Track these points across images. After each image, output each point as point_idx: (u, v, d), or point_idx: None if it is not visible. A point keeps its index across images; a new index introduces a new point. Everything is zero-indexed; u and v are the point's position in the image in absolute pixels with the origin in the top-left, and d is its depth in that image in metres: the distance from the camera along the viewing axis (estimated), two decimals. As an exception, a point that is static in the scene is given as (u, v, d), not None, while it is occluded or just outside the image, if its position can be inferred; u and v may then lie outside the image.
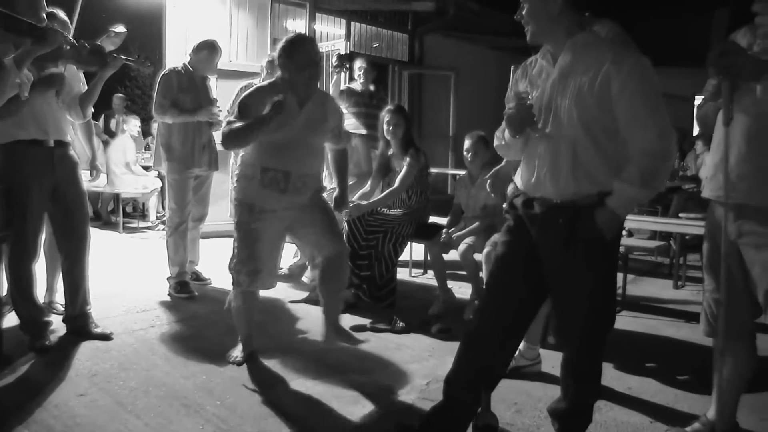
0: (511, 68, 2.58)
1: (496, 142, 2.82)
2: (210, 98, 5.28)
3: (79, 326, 4.05)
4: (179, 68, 5.24)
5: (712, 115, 2.77)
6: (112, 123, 10.30)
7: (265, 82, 3.75)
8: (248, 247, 3.58)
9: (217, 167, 5.47)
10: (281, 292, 5.45)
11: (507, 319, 2.72)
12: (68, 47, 3.63)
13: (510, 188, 2.80)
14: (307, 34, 8.75)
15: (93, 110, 4.25)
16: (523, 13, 2.50)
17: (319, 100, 3.65)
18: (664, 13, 13.24)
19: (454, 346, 4.09)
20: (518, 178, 2.69)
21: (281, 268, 5.22)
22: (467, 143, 5.07)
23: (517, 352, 3.63)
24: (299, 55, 3.46)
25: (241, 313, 3.77)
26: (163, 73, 5.26)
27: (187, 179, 5.21)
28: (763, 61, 2.15)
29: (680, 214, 7.21)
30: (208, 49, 5.23)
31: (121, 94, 11.34)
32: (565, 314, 2.66)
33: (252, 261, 3.58)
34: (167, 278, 5.25)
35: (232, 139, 3.46)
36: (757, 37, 2.53)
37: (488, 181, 3.33)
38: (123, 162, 8.49)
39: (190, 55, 5.28)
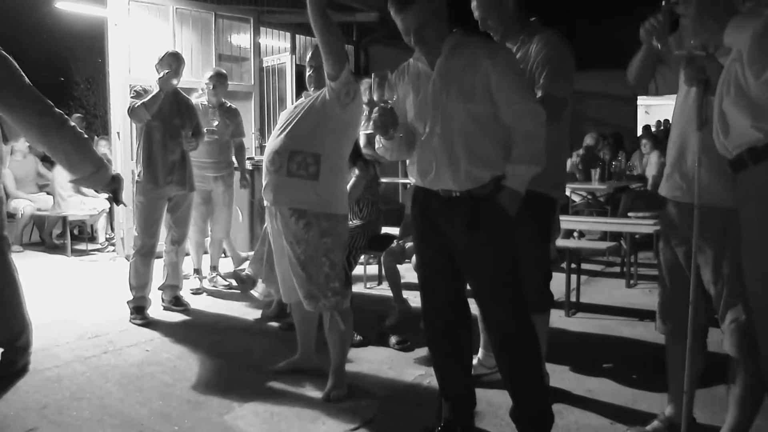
0: (372, 75, 2.67)
1: (376, 145, 2.97)
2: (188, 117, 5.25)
3: None
4: (149, 87, 5.09)
5: (645, 61, 2.78)
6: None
7: None
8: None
9: (193, 188, 5.34)
10: (236, 309, 5.38)
11: (448, 311, 2.91)
12: None
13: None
14: (252, 48, 8.69)
15: None
16: (423, 31, 2.66)
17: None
18: (599, 18, 13.49)
19: (412, 358, 4.13)
20: (414, 175, 2.87)
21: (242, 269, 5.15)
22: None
23: (475, 361, 3.63)
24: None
25: (296, 324, 3.93)
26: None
27: (154, 201, 5.07)
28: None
29: (629, 214, 7.33)
30: (167, 58, 5.13)
31: (79, 115, 11.11)
32: (485, 298, 2.77)
33: (277, 275, 3.79)
34: (127, 302, 5.11)
35: None
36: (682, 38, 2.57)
37: None
38: (70, 184, 8.28)
39: (156, 68, 5.14)
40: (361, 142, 7.82)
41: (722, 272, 2.58)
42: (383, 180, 8.06)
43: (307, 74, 3.58)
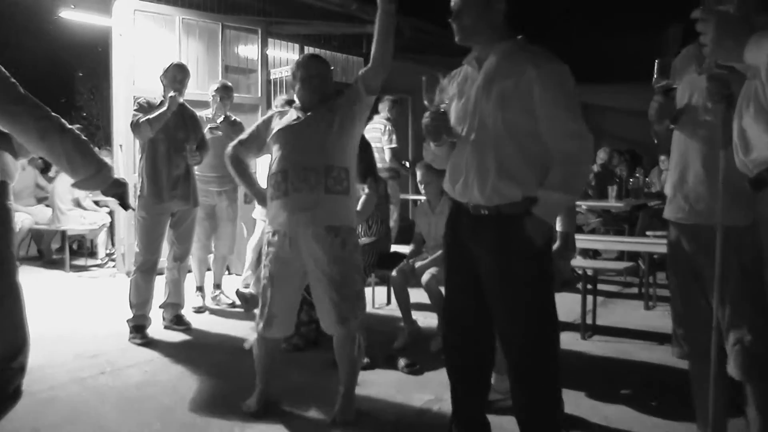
0: (423, 78, 2.64)
1: (424, 153, 2.97)
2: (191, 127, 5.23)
3: None
4: (153, 99, 5.14)
5: (664, 134, 2.81)
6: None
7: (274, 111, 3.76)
8: (265, 289, 3.51)
9: (197, 203, 5.35)
10: (239, 329, 5.35)
11: (467, 329, 2.85)
12: None
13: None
14: (260, 59, 8.71)
15: None
16: (462, 14, 2.63)
17: (326, 107, 3.51)
18: (614, 32, 13.49)
19: (421, 381, 4.09)
20: (446, 184, 2.82)
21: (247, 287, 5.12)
22: (419, 174, 5.05)
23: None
24: (298, 70, 3.56)
25: (259, 358, 3.65)
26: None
27: (156, 216, 5.07)
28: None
29: (647, 232, 7.27)
30: (172, 70, 5.16)
31: (78, 126, 11.14)
32: (505, 326, 2.73)
33: (266, 305, 3.49)
34: (126, 321, 5.08)
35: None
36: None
37: None
38: (70, 198, 8.30)
39: (161, 79, 5.18)
40: (386, 156, 7.80)
41: (726, 292, 2.55)
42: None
43: (307, 84, 3.53)
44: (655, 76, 2.67)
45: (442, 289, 4.66)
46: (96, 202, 8.69)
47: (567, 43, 3.13)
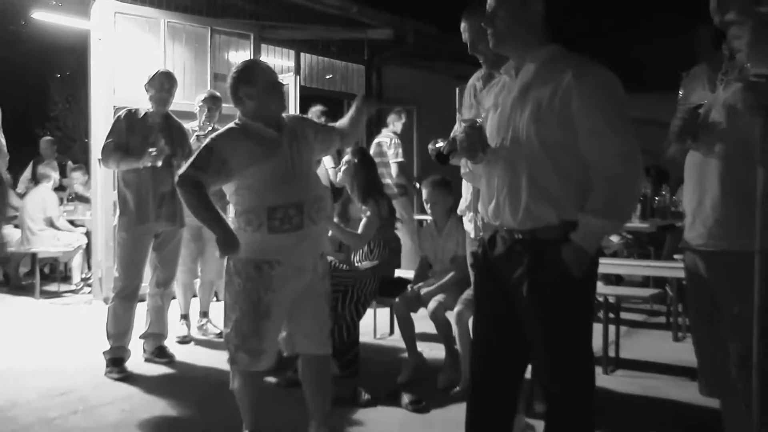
0: (457, 90, 2.61)
1: (462, 170, 2.97)
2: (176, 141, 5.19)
3: None
4: (135, 109, 5.16)
5: (681, 158, 2.81)
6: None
7: (227, 127, 3.63)
8: (253, 323, 3.36)
9: (183, 223, 5.34)
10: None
11: (502, 372, 2.79)
12: None
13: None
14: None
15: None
16: (496, 17, 2.60)
17: (290, 120, 3.63)
18: (644, 38, 13.51)
19: (427, 420, 4.06)
20: (481, 205, 2.80)
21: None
22: (425, 192, 5.04)
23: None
24: (261, 76, 3.48)
25: (244, 395, 3.57)
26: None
27: (139, 237, 5.06)
28: None
29: (675, 256, 7.23)
30: (159, 78, 5.18)
31: (49, 137, 11.16)
32: (541, 363, 2.70)
33: (255, 339, 3.38)
34: (103, 353, 5.03)
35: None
36: (727, 66, 2.55)
37: None
38: (42, 217, 8.25)
39: (146, 88, 5.19)
40: (393, 171, 7.81)
41: (744, 325, 2.53)
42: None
43: (279, 93, 3.58)
44: (680, 93, 2.65)
45: (450, 317, 4.65)
46: (71, 222, 8.67)
47: (570, 46, 3.08)
